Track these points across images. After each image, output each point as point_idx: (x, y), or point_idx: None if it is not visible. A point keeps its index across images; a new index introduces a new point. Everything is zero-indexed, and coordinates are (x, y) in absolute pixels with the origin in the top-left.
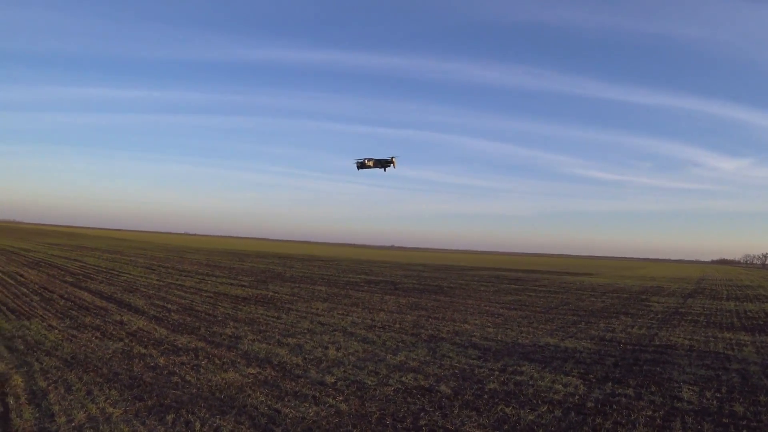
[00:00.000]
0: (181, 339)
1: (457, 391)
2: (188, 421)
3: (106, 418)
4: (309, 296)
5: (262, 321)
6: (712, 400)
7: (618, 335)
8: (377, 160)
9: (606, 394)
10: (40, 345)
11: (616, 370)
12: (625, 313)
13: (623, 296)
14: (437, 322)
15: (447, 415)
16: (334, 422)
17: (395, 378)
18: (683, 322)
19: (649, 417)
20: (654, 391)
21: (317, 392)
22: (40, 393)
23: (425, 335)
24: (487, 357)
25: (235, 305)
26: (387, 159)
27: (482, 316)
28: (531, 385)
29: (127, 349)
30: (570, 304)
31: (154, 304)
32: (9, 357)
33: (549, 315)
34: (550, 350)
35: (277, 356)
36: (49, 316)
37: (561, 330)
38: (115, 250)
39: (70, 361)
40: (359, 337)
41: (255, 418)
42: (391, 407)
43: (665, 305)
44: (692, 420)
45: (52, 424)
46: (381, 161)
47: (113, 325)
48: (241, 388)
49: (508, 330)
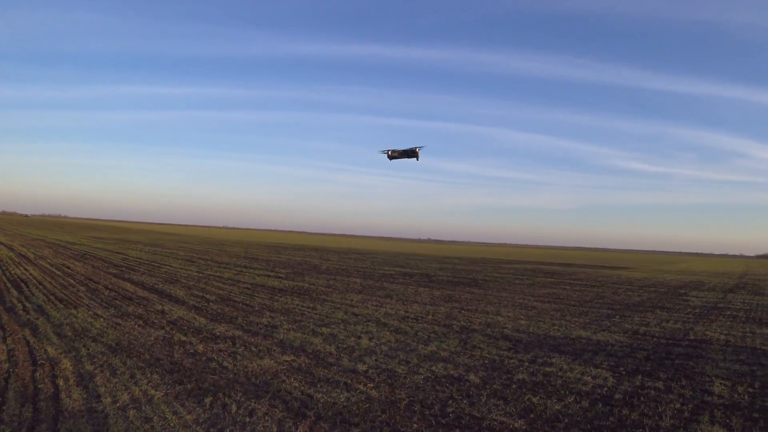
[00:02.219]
0: (219, 327)
1: (486, 380)
2: (225, 403)
3: (149, 399)
4: (344, 288)
5: (298, 311)
6: (744, 395)
7: (652, 329)
8: (402, 150)
9: (635, 387)
10: (87, 332)
11: (647, 364)
12: (661, 308)
13: (661, 290)
14: (470, 314)
15: (474, 403)
16: (363, 407)
17: (425, 367)
18: (721, 317)
19: (677, 410)
20: (684, 385)
21: (349, 379)
22: (87, 376)
23: (457, 326)
24: (518, 348)
25: (271, 296)
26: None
27: (515, 308)
28: (560, 376)
29: (168, 337)
30: (605, 297)
31: (193, 294)
32: (58, 343)
33: (583, 308)
34: (582, 343)
35: (311, 345)
36: (94, 306)
37: (594, 323)
38: (157, 243)
39: (115, 347)
40: (392, 327)
41: (288, 402)
42: (420, 395)
43: (704, 300)
44: (721, 414)
45: (99, 404)
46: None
47: (155, 314)
48: (275, 374)
49: (540, 322)
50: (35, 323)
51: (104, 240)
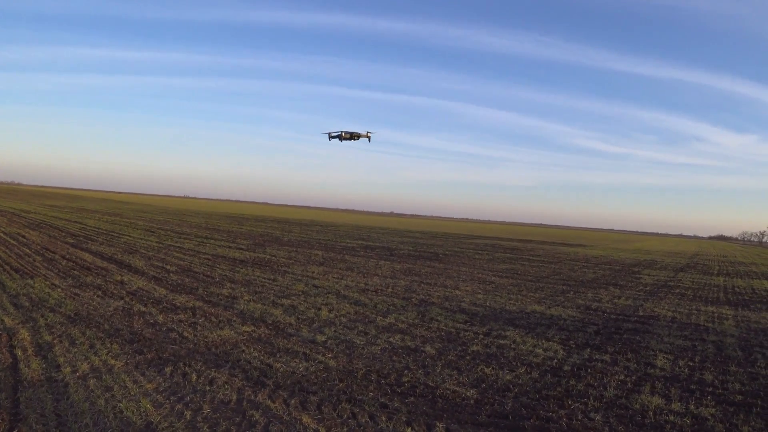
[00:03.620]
0: (179, 298)
1: (441, 352)
2: (185, 373)
3: (109, 369)
4: (305, 260)
5: (259, 283)
6: (684, 368)
7: (604, 305)
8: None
9: (583, 359)
10: (44, 302)
11: (597, 338)
12: (615, 285)
13: (615, 268)
14: (429, 287)
15: (429, 373)
16: (322, 377)
17: (383, 338)
18: (670, 295)
19: (620, 381)
20: (630, 358)
21: (308, 350)
22: (46, 346)
23: (416, 299)
24: (474, 321)
25: (232, 267)
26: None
27: (474, 283)
28: (513, 348)
29: (128, 307)
30: (561, 274)
31: (153, 265)
32: (15, 313)
33: (539, 284)
34: (536, 317)
35: (271, 316)
36: (51, 276)
37: (549, 298)
38: (115, 213)
39: (74, 317)
40: (352, 299)
41: (248, 371)
42: (377, 365)
43: (655, 278)
44: (662, 385)
45: (58, 374)
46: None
47: (114, 284)
48: (235, 344)
49: (497, 297)
50: None
51: (60, 209)
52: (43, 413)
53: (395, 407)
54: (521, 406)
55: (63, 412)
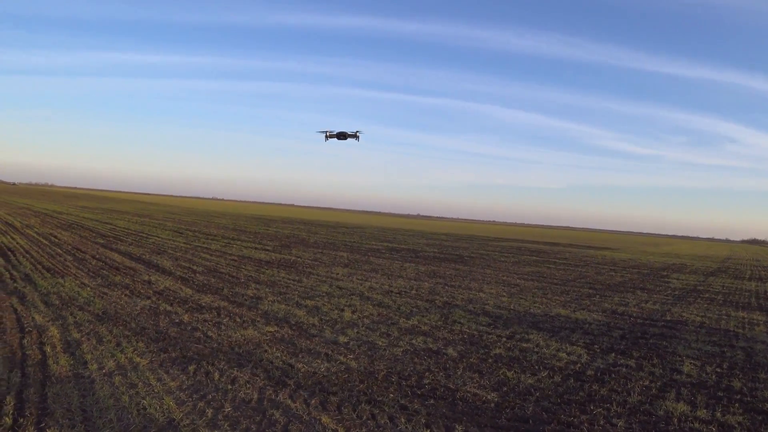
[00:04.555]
0: (204, 298)
1: (463, 354)
2: (208, 371)
3: (134, 366)
4: (330, 261)
5: (283, 284)
6: (712, 374)
7: (630, 309)
8: (340, 132)
9: (608, 364)
10: (74, 301)
11: (622, 342)
12: (642, 289)
13: (643, 272)
14: (453, 289)
15: (450, 376)
16: (342, 377)
17: (405, 340)
18: (699, 300)
19: (645, 387)
20: (655, 364)
21: (330, 350)
22: (74, 343)
23: (440, 302)
24: (497, 324)
25: (258, 268)
26: (351, 132)
27: (498, 285)
28: (536, 352)
29: (154, 306)
30: (588, 277)
31: (180, 265)
32: (45, 311)
33: (565, 287)
34: (560, 320)
35: (294, 316)
36: (81, 275)
37: (574, 302)
38: (145, 214)
39: (101, 315)
40: (375, 301)
41: (270, 371)
42: (398, 366)
43: (684, 282)
44: (687, 392)
45: (85, 370)
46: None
47: (141, 284)
48: (258, 344)
49: (521, 300)
50: (23, 291)
51: (92, 210)
52: (69, 408)
53: (415, 409)
54: (542, 410)
55: (88, 407)
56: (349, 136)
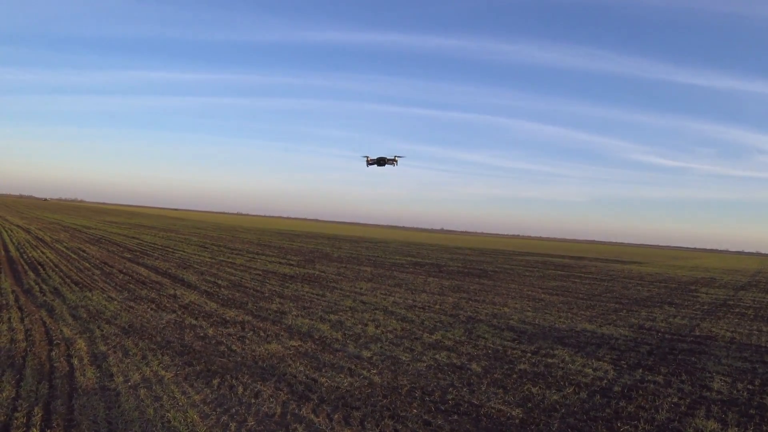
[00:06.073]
0: (229, 312)
1: (488, 369)
2: (232, 385)
3: (159, 379)
4: (354, 276)
5: (307, 298)
6: (743, 391)
7: (658, 324)
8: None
9: (635, 380)
10: (101, 314)
11: (650, 358)
12: (670, 303)
13: (671, 286)
14: (477, 304)
15: (474, 392)
16: (366, 392)
17: (429, 355)
18: (729, 315)
19: (674, 404)
20: (684, 380)
21: (353, 365)
22: (101, 356)
23: (463, 317)
24: (522, 339)
25: (282, 283)
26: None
27: (523, 300)
28: (561, 367)
29: (180, 320)
30: (614, 291)
31: (205, 279)
32: (73, 324)
33: (591, 302)
34: (586, 336)
35: (318, 331)
36: (108, 289)
37: (600, 317)
38: (171, 229)
39: (128, 329)
40: (399, 316)
41: (293, 385)
42: (422, 381)
43: (713, 297)
44: (717, 409)
45: (111, 382)
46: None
47: (167, 298)
48: (282, 358)
49: (546, 315)
50: (51, 305)
51: (119, 225)
52: (95, 420)
53: (438, 425)
54: (568, 427)
55: (114, 419)
56: (388, 162)
